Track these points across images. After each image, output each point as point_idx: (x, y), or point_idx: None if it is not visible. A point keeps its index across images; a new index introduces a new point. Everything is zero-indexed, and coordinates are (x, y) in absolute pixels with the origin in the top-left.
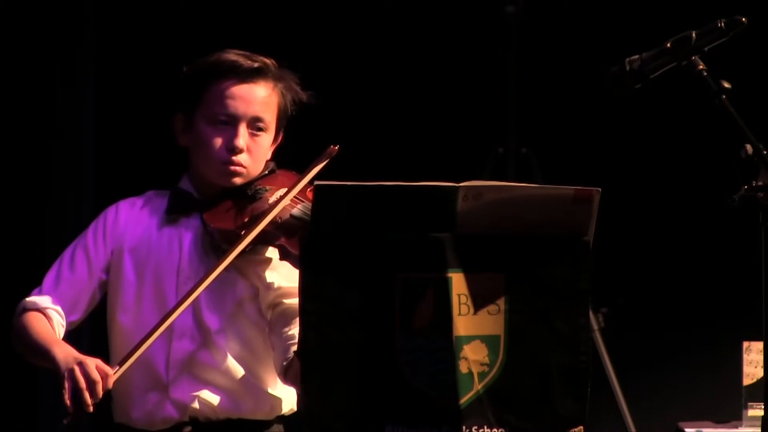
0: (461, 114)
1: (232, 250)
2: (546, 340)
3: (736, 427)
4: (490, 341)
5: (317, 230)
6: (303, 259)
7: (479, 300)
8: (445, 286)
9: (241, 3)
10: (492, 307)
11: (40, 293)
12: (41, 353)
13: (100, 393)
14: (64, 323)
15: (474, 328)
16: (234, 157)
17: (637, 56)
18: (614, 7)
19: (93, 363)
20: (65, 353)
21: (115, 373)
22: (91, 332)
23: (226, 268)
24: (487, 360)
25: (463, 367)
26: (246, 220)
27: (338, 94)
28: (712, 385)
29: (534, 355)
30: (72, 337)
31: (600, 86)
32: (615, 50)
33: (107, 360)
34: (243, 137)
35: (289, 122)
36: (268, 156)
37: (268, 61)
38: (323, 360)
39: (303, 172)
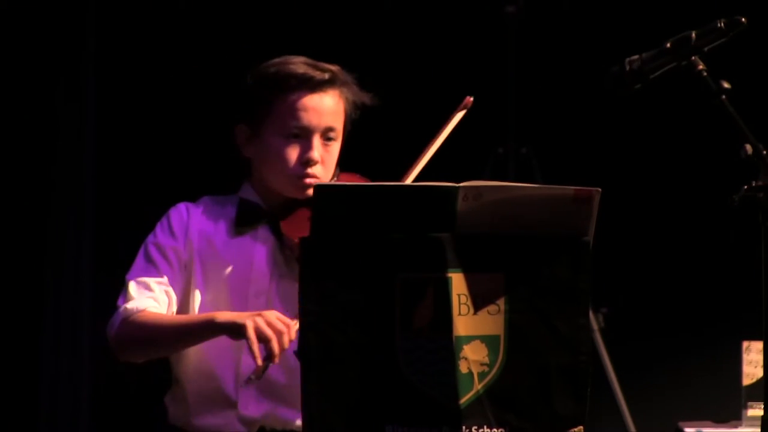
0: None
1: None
2: (546, 340)
3: (736, 427)
4: (490, 341)
5: (317, 231)
6: (303, 259)
7: (479, 300)
8: (445, 286)
9: (241, 4)
10: (492, 307)
11: (130, 301)
12: (191, 332)
13: (287, 343)
14: None
15: (474, 328)
16: (309, 170)
17: (637, 56)
18: (614, 7)
19: (273, 314)
20: (232, 314)
21: (296, 324)
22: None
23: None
24: (487, 360)
25: (463, 367)
26: None
27: None
28: (712, 385)
29: (534, 355)
30: (74, 338)
31: (600, 86)
32: (615, 50)
33: (167, 366)
34: (317, 149)
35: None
36: None
37: (334, 68)
38: (323, 360)
39: (443, 124)
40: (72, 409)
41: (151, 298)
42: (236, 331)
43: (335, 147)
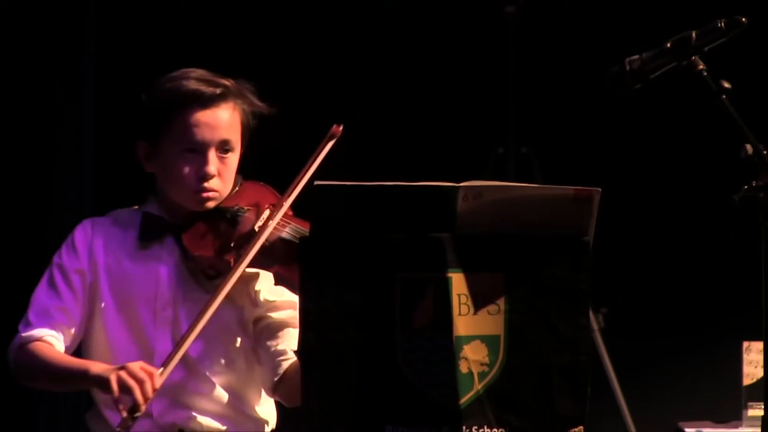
0: (461, 114)
1: (231, 275)
2: (546, 340)
3: (736, 427)
4: (490, 341)
5: (317, 230)
6: (303, 259)
7: (479, 300)
8: (445, 286)
9: (241, 4)
10: (492, 307)
11: (29, 327)
12: (71, 377)
13: (150, 392)
14: (63, 349)
15: (474, 328)
16: (206, 184)
17: (637, 56)
18: (614, 7)
19: (136, 365)
20: (101, 368)
21: (160, 373)
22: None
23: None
24: (487, 360)
25: (463, 367)
26: (231, 244)
27: (338, 94)
28: (712, 385)
29: (534, 355)
30: None
31: (600, 86)
32: (615, 50)
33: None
34: (213, 163)
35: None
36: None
37: (227, 83)
38: (323, 360)
39: (311, 156)
40: (72, 409)
41: (49, 326)
42: (102, 385)
43: (233, 158)
